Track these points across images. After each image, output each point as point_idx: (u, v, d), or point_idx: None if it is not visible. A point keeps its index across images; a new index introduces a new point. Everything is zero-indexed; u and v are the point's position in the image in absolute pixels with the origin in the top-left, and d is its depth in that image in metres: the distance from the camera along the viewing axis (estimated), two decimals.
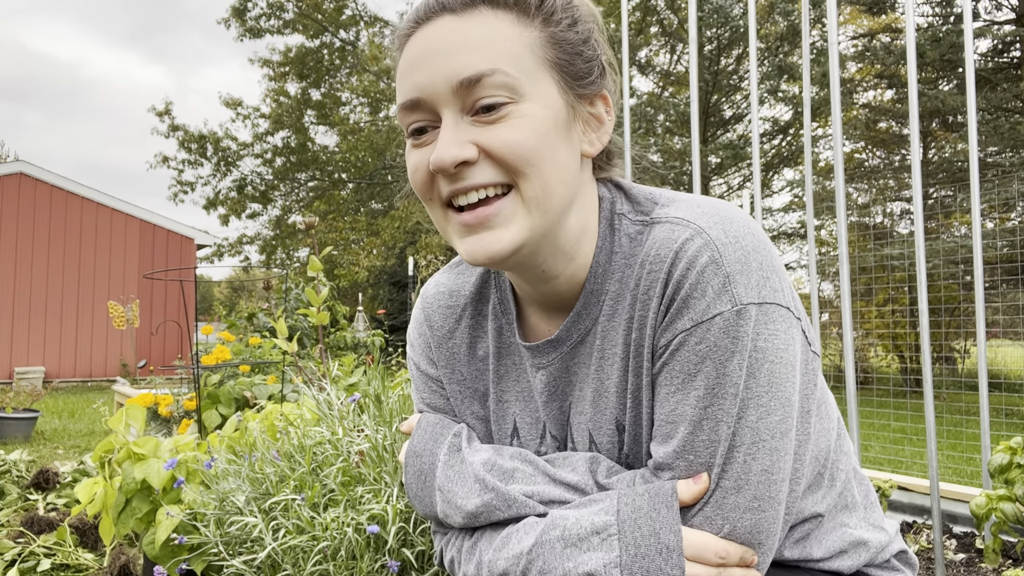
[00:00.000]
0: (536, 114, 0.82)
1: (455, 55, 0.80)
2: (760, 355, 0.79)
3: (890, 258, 8.71)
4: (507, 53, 0.81)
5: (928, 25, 13.56)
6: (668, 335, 0.82)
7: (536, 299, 0.96)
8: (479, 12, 0.82)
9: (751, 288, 0.79)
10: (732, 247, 0.80)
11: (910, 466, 5.58)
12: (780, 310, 0.80)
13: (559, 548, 0.81)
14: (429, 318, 1.06)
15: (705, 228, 0.82)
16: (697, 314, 0.79)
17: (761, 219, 3.03)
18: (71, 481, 3.92)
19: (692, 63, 2.98)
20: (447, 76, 0.80)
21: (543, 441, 0.99)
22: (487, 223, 0.83)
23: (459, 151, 0.80)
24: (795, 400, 0.82)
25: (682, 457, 0.81)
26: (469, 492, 0.91)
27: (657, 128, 16.43)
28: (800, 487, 0.86)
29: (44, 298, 14.23)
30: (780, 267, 0.83)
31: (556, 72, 0.85)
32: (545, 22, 0.85)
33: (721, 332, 0.78)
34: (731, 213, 0.84)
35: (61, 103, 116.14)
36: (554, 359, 0.94)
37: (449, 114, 0.82)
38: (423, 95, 0.82)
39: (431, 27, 0.83)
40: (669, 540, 0.78)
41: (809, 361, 0.87)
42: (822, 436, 0.93)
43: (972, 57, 2.58)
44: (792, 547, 0.93)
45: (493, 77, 0.80)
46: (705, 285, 0.79)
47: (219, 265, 23.37)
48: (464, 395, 1.04)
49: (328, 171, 21.65)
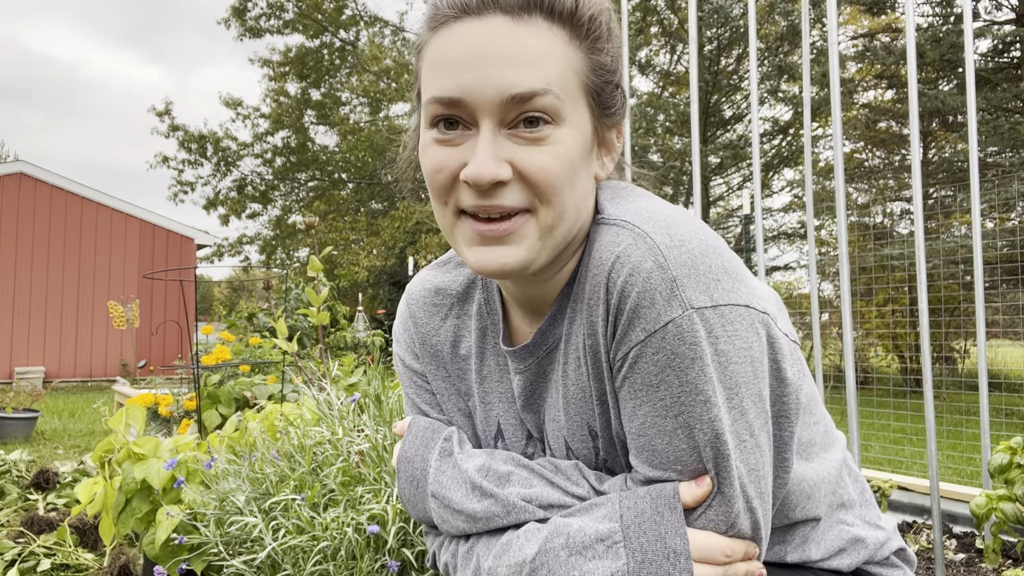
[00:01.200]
0: (570, 141, 0.81)
1: (510, 67, 0.78)
2: (723, 358, 0.78)
3: (890, 258, 8.71)
4: (558, 74, 0.79)
5: (928, 25, 13.56)
6: (624, 348, 0.80)
7: (521, 301, 0.95)
8: (535, 22, 0.79)
9: (701, 292, 0.77)
10: (677, 251, 0.78)
11: (910, 466, 5.58)
12: (737, 309, 0.79)
13: (564, 556, 0.80)
14: (414, 314, 1.06)
15: (649, 232, 0.80)
16: (649, 324, 0.77)
17: (761, 219, 3.03)
18: (71, 481, 3.92)
19: (692, 63, 2.98)
20: (498, 87, 0.78)
21: (529, 443, 0.98)
22: (503, 239, 0.81)
23: (497, 170, 0.78)
24: (766, 394, 0.81)
25: (670, 468, 0.80)
26: (465, 498, 0.90)
27: (657, 128, 16.42)
28: (788, 475, 0.87)
29: (44, 298, 14.22)
30: (733, 268, 0.81)
31: (591, 98, 0.84)
32: (591, 47, 0.83)
33: (676, 340, 0.77)
34: (678, 217, 0.82)
35: (60, 103, 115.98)
36: (531, 364, 0.94)
37: (488, 125, 0.79)
38: (467, 97, 0.79)
39: (483, 24, 0.79)
40: (676, 544, 0.77)
41: (793, 351, 0.87)
42: (806, 430, 0.94)
43: (972, 57, 2.58)
44: (793, 551, 0.93)
45: (544, 98, 0.78)
46: (653, 292, 0.77)
47: (219, 265, 23.40)
48: (449, 392, 1.04)
49: (328, 171, 21.66)
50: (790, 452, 0.86)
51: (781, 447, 0.85)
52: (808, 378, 0.93)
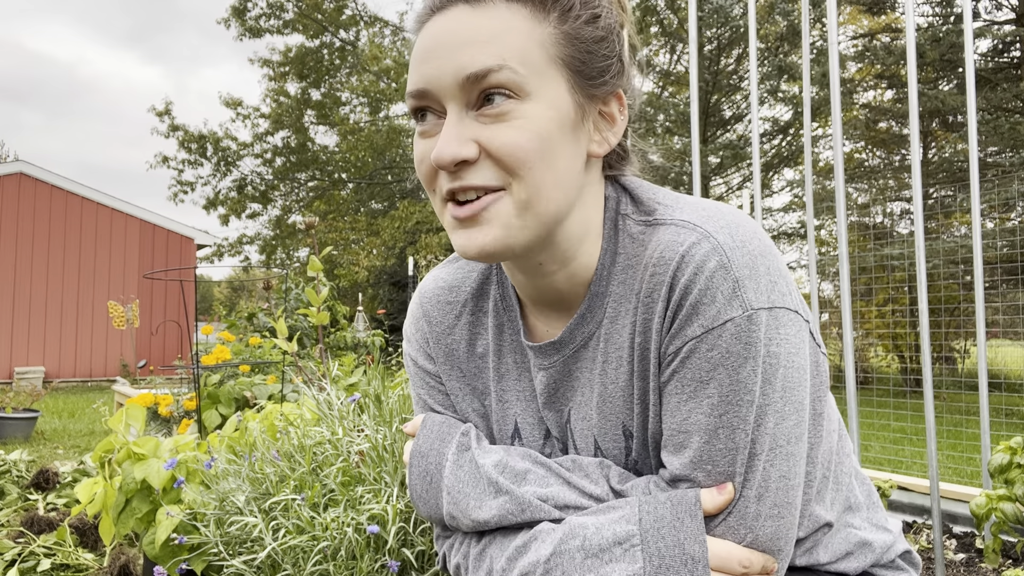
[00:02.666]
0: (540, 115, 0.80)
1: (463, 49, 0.79)
2: (774, 360, 0.78)
3: (890, 258, 8.70)
4: (516, 49, 0.80)
5: (928, 25, 13.56)
6: (677, 342, 0.80)
7: (534, 296, 0.94)
8: (493, 4, 0.81)
9: (761, 293, 0.78)
10: (740, 252, 0.79)
11: (910, 466, 5.58)
12: (789, 314, 0.80)
13: (579, 559, 0.79)
14: (427, 313, 1.04)
15: (712, 232, 0.80)
16: (708, 320, 0.78)
17: (761, 219, 3.03)
18: (71, 481, 3.92)
19: (692, 63, 2.98)
20: (454, 70, 0.79)
21: (547, 442, 0.97)
22: (477, 219, 0.82)
23: (459, 149, 0.79)
24: (807, 403, 0.81)
25: (700, 467, 0.79)
26: (482, 494, 0.89)
27: (657, 128, 16.42)
28: (812, 490, 0.86)
29: (44, 298, 14.22)
30: (786, 271, 0.83)
31: (567, 70, 0.83)
32: (561, 18, 0.82)
33: (733, 338, 0.77)
34: (737, 217, 0.83)
35: (60, 104, 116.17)
36: (556, 361, 0.93)
37: (454, 109, 0.81)
38: (430, 87, 0.81)
39: (445, 16, 0.82)
40: (694, 551, 0.76)
41: (819, 363, 0.87)
42: (825, 438, 0.92)
43: (972, 57, 2.58)
44: (802, 556, 0.93)
45: (500, 74, 0.78)
46: (715, 291, 0.78)
47: (219, 265, 23.39)
48: (464, 392, 1.02)
49: (328, 171, 21.65)
50: (812, 465, 0.86)
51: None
52: (827, 388, 0.93)
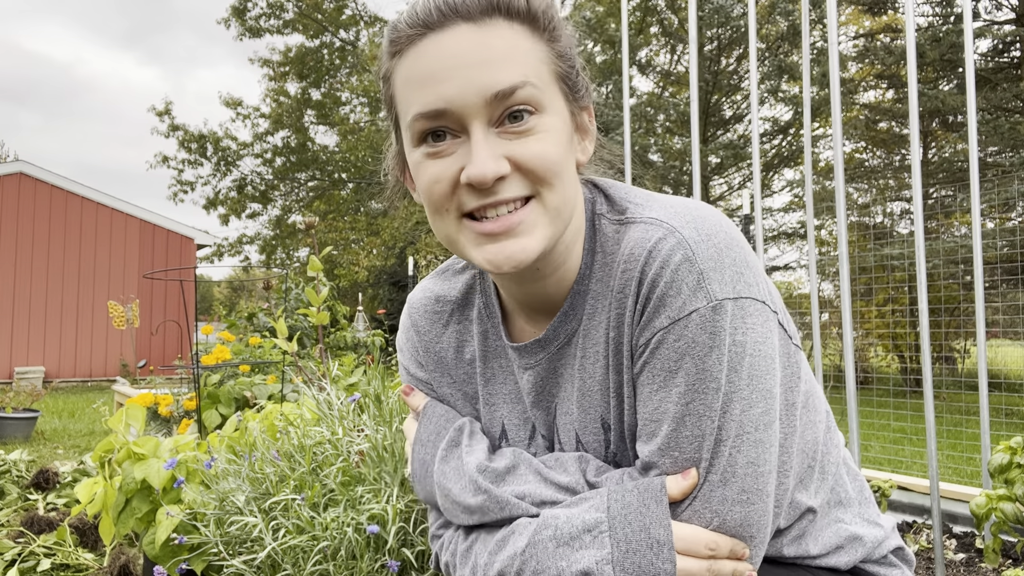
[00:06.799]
0: (556, 126, 0.85)
1: (485, 68, 0.80)
2: (739, 349, 0.81)
3: (890, 258, 8.70)
4: (531, 66, 0.83)
5: (928, 25, 13.55)
6: (647, 334, 0.84)
7: (521, 301, 0.98)
8: (496, 23, 0.82)
9: (726, 284, 0.81)
10: (704, 244, 0.82)
11: (910, 466, 5.58)
12: (756, 304, 0.82)
13: (552, 547, 0.82)
14: (416, 323, 1.09)
15: (677, 227, 0.84)
16: (674, 312, 0.81)
17: (761, 219, 3.03)
18: (71, 481, 3.92)
19: (692, 63, 2.98)
20: (479, 89, 0.80)
21: (532, 442, 1.00)
22: (512, 232, 0.84)
23: (497, 166, 0.81)
24: (776, 392, 0.83)
25: (667, 454, 0.82)
26: (463, 491, 0.93)
27: (657, 128, 16.42)
28: (789, 480, 0.88)
29: (44, 298, 14.22)
30: (754, 263, 0.85)
31: (563, 84, 0.87)
32: (551, 37, 0.86)
33: (698, 328, 0.80)
34: (703, 212, 0.86)
35: (58, 104, 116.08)
36: (541, 359, 0.96)
37: (479, 127, 0.82)
38: (451, 106, 0.81)
39: (448, 35, 0.81)
40: (659, 535, 0.80)
41: (791, 354, 0.88)
42: (809, 428, 0.94)
43: (972, 57, 2.58)
44: (790, 545, 0.94)
45: (524, 90, 0.81)
46: (680, 283, 0.81)
47: (219, 265, 23.39)
48: (456, 397, 1.07)
49: (328, 171, 21.65)
50: (787, 455, 0.87)
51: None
52: (808, 377, 0.94)
